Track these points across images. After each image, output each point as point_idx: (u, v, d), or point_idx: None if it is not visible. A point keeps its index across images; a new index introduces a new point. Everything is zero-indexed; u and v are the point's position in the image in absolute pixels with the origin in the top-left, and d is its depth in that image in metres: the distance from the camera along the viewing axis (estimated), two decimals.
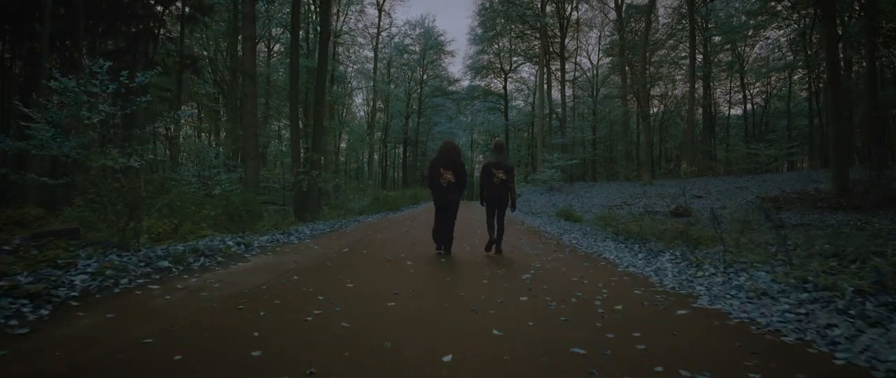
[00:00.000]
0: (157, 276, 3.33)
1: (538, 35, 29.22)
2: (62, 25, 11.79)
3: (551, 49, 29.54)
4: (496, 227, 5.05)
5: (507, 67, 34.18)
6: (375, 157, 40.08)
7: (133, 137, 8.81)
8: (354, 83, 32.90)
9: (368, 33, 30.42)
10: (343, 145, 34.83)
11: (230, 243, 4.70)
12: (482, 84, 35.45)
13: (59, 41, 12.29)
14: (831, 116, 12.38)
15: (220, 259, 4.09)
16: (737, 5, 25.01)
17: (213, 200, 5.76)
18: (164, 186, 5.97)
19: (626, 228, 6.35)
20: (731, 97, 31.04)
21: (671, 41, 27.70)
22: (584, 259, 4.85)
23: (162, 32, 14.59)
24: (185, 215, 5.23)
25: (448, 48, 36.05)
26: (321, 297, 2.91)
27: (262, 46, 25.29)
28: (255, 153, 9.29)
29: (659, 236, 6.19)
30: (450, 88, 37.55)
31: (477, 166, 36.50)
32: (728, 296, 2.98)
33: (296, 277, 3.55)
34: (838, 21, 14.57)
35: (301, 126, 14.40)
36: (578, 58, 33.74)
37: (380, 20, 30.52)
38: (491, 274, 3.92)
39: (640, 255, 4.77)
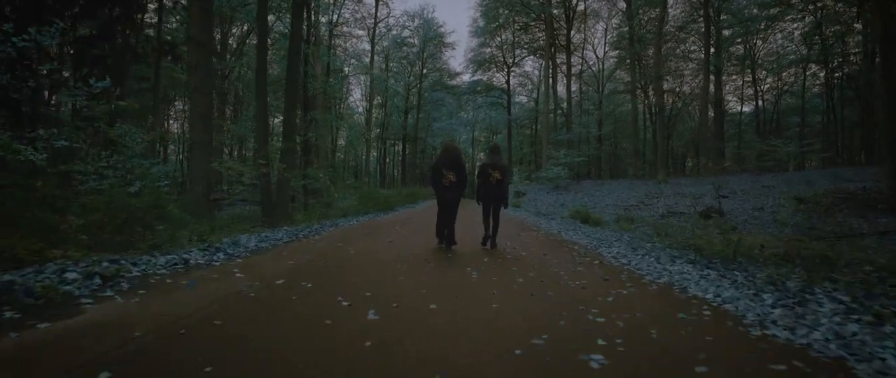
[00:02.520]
0: None
1: (543, 26, 27.36)
2: (23, 3, 10.07)
3: (556, 41, 27.66)
4: (491, 224, 5.38)
5: (510, 61, 32.41)
6: (374, 153, 38.20)
7: (45, 117, 6.90)
8: (352, 77, 31.02)
9: (365, 25, 28.54)
10: (342, 142, 32.99)
11: (74, 275, 2.76)
12: (484, 78, 33.70)
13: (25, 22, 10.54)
14: (887, 105, 10.60)
15: (7, 316, 2.16)
16: None
17: (84, 201, 3.83)
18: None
19: (709, 244, 4.36)
20: (743, 93, 29.48)
21: (682, 33, 25.94)
22: (664, 300, 2.92)
23: (142, 18, 13.05)
24: (32, 224, 3.29)
25: (448, 40, 34.31)
26: None
27: (253, 38, 23.43)
28: (202, 139, 7.31)
29: (747, 255, 4.27)
30: (450, 83, 35.73)
31: (477, 164, 34.63)
32: None
33: (107, 373, 1.61)
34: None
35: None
36: (584, 51, 31.93)
37: (377, 10, 28.76)
38: (525, 351, 1.98)
39: (766, 298, 2.83)
